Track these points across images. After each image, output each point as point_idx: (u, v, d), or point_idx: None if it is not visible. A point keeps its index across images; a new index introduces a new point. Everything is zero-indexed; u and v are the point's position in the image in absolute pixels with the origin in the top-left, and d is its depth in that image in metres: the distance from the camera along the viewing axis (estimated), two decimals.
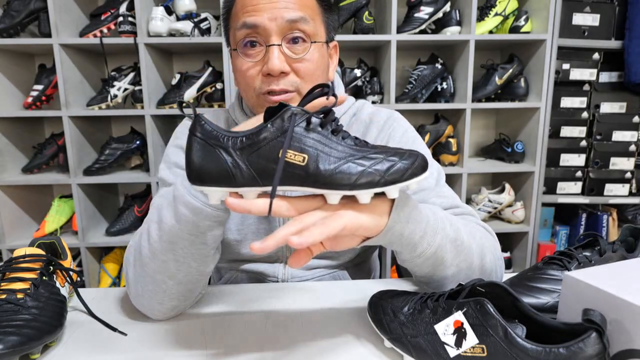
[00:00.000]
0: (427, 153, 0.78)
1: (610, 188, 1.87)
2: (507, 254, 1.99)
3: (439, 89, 1.83)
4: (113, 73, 1.73)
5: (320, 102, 0.49)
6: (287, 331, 0.60)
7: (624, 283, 0.45)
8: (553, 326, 0.45)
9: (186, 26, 1.64)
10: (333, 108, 0.48)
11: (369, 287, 0.74)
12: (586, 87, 1.86)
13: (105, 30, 1.65)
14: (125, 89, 1.73)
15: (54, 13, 1.57)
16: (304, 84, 0.70)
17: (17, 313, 0.54)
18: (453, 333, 0.47)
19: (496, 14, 1.77)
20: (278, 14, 0.66)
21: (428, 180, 0.74)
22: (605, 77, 1.87)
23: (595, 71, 1.81)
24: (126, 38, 1.62)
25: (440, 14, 1.73)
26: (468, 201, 1.97)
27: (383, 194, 0.47)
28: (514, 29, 1.78)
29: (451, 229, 0.57)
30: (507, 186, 1.91)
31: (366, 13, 1.71)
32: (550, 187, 1.89)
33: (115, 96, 1.71)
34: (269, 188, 0.44)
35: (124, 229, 1.77)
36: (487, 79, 1.82)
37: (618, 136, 1.86)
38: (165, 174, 0.79)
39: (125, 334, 0.60)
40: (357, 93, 1.83)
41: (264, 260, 0.81)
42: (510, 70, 1.81)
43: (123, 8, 1.63)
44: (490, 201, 1.90)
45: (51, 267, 0.63)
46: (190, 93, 1.73)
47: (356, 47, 1.93)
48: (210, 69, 1.77)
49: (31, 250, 0.63)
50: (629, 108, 1.89)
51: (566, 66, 1.80)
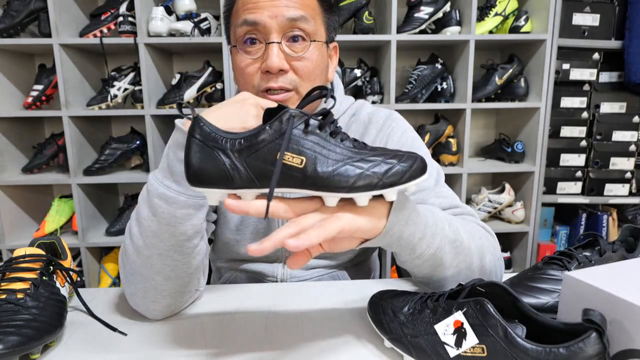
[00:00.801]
0: (427, 153, 0.78)
1: (610, 188, 1.87)
2: (507, 254, 1.99)
3: (439, 89, 1.83)
4: (113, 73, 1.73)
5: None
6: (287, 331, 0.60)
7: (624, 283, 0.45)
8: (553, 326, 0.45)
9: (186, 26, 1.64)
10: (332, 109, 0.48)
11: (369, 287, 0.74)
12: (586, 87, 1.86)
13: (105, 30, 1.65)
14: (125, 89, 1.73)
15: (54, 13, 1.57)
16: (303, 83, 0.70)
17: (17, 313, 0.54)
18: (453, 333, 0.47)
19: (496, 14, 1.77)
20: (278, 12, 0.66)
21: (427, 180, 0.74)
22: (605, 77, 1.87)
23: (595, 71, 1.81)
24: (126, 38, 1.62)
25: (440, 14, 1.73)
26: (468, 201, 1.97)
27: (381, 197, 0.47)
28: (514, 29, 1.78)
29: (450, 230, 0.57)
30: (507, 186, 1.91)
31: (366, 13, 1.71)
32: (550, 187, 1.89)
33: (115, 96, 1.71)
34: (267, 190, 0.44)
35: (124, 229, 1.75)
36: (487, 79, 1.82)
37: (618, 136, 1.86)
38: None
39: (125, 334, 0.60)
40: (357, 93, 1.83)
41: (263, 260, 0.81)
42: (510, 70, 1.81)
43: (123, 8, 1.63)
44: (490, 201, 1.90)
45: (51, 267, 0.63)
46: (190, 93, 1.73)
47: (356, 47, 1.93)
48: (210, 69, 1.77)
49: (31, 250, 0.63)
50: (629, 108, 1.89)
51: (566, 66, 1.80)
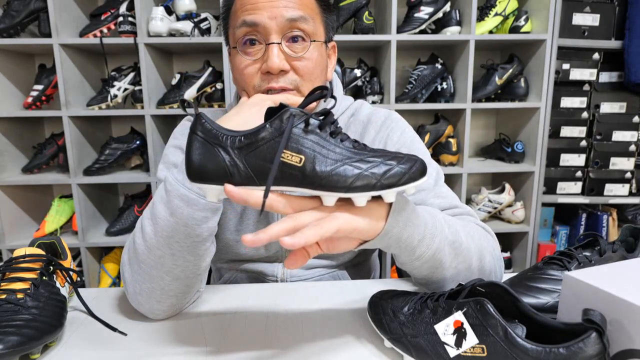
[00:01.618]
0: (426, 153, 0.78)
1: (610, 188, 1.87)
2: (507, 254, 1.99)
3: (439, 89, 1.83)
4: (113, 73, 1.73)
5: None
6: (287, 331, 0.60)
7: (624, 283, 0.45)
8: (553, 326, 0.45)
9: (186, 26, 1.64)
10: (332, 109, 0.48)
11: (369, 287, 0.74)
12: (586, 87, 1.86)
13: (105, 30, 1.65)
14: (125, 89, 1.73)
15: (54, 13, 1.57)
16: (303, 82, 0.70)
17: (17, 313, 0.54)
18: (453, 333, 0.47)
19: (496, 14, 1.77)
20: (278, 13, 0.66)
21: (427, 180, 0.74)
22: (605, 77, 1.87)
23: (595, 71, 1.81)
24: (126, 38, 1.62)
25: (440, 14, 1.73)
26: (468, 201, 1.97)
27: (380, 198, 0.47)
28: (514, 29, 1.78)
29: (449, 231, 0.57)
30: (507, 186, 1.91)
31: (366, 13, 1.71)
32: (550, 187, 1.89)
33: (115, 96, 1.71)
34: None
35: (124, 229, 1.77)
36: (487, 79, 1.82)
37: (618, 136, 1.86)
38: (164, 174, 0.78)
39: (125, 334, 0.60)
40: (357, 93, 1.83)
41: (264, 260, 0.81)
42: (510, 70, 1.81)
43: (123, 8, 1.63)
44: (490, 201, 1.90)
45: (51, 267, 0.63)
46: (190, 93, 1.73)
47: (356, 47, 1.93)
48: (210, 69, 1.77)
49: (31, 250, 0.63)
50: (629, 108, 1.89)
51: (566, 66, 1.80)
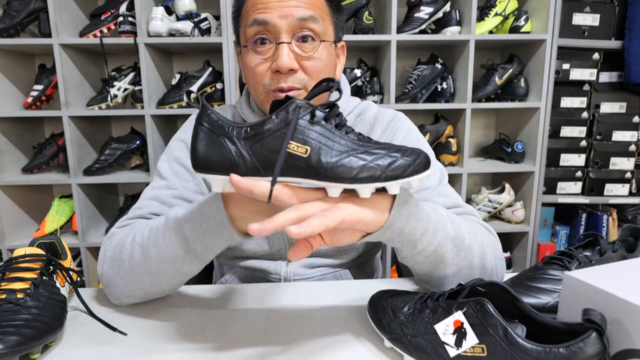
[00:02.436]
0: (431, 153, 0.79)
1: (610, 188, 1.87)
2: (507, 254, 1.99)
3: (439, 89, 1.83)
4: (113, 73, 1.73)
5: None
6: (287, 331, 0.60)
7: (624, 283, 0.45)
8: (553, 326, 0.45)
9: (186, 26, 1.64)
10: (337, 102, 0.48)
11: (369, 287, 0.74)
12: (586, 87, 1.86)
13: (105, 30, 1.65)
14: (125, 89, 1.73)
15: (54, 13, 1.57)
16: (312, 82, 0.70)
17: (17, 313, 0.54)
18: (453, 333, 0.47)
19: (496, 14, 1.77)
20: (288, 12, 0.67)
21: (431, 179, 0.74)
22: (605, 77, 1.87)
23: (595, 71, 1.81)
24: (126, 38, 1.62)
25: (440, 14, 1.73)
26: (468, 201, 1.97)
27: (384, 190, 0.47)
28: (514, 29, 1.78)
29: (452, 228, 0.57)
30: (507, 186, 1.91)
31: (366, 13, 1.71)
32: (550, 187, 1.89)
33: (115, 96, 1.71)
34: (271, 178, 0.44)
35: None
36: (487, 79, 1.82)
37: (618, 136, 1.86)
38: (163, 167, 0.80)
39: (125, 334, 0.60)
40: (357, 93, 1.83)
41: (267, 257, 0.81)
42: (510, 70, 1.81)
43: (123, 8, 1.63)
44: (490, 201, 1.90)
45: (51, 267, 0.63)
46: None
47: (356, 47, 1.93)
48: (210, 69, 1.77)
49: (31, 250, 0.63)
50: (629, 108, 1.89)
51: (566, 66, 1.80)
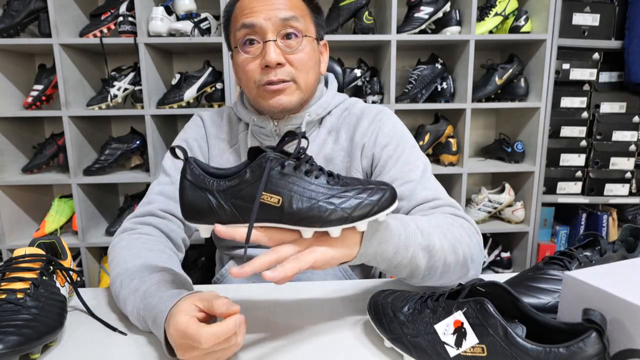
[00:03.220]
0: (414, 146, 0.83)
1: (610, 188, 1.87)
2: (507, 254, 1.99)
3: (439, 89, 1.83)
4: (113, 73, 1.73)
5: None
6: (287, 331, 0.60)
7: (624, 283, 0.45)
8: (553, 326, 0.45)
9: (186, 26, 1.64)
10: (306, 150, 0.52)
11: (369, 287, 0.74)
12: (586, 87, 1.86)
13: (105, 30, 1.65)
14: (125, 89, 1.73)
15: (54, 13, 1.57)
16: (299, 73, 0.77)
17: (17, 313, 0.54)
18: (453, 333, 0.47)
19: (496, 14, 1.77)
20: (272, 14, 0.74)
21: (414, 172, 0.79)
22: (605, 77, 1.87)
23: (595, 71, 1.81)
24: (126, 38, 1.62)
25: (440, 14, 1.73)
26: (468, 201, 1.97)
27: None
28: (514, 29, 1.78)
29: (422, 238, 0.60)
30: (507, 186, 1.91)
31: (366, 13, 1.71)
32: (550, 187, 1.89)
33: (115, 96, 1.71)
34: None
35: None
36: (487, 79, 1.82)
37: (618, 136, 1.86)
38: (167, 163, 0.85)
39: (125, 334, 0.60)
40: (357, 93, 1.83)
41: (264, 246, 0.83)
42: (510, 70, 1.81)
43: (123, 8, 1.62)
44: (490, 201, 1.90)
45: (51, 267, 0.63)
46: (190, 93, 1.73)
47: (356, 47, 1.93)
48: (210, 69, 1.77)
49: (31, 250, 0.63)
50: (629, 108, 1.89)
51: (566, 66, 1.80)
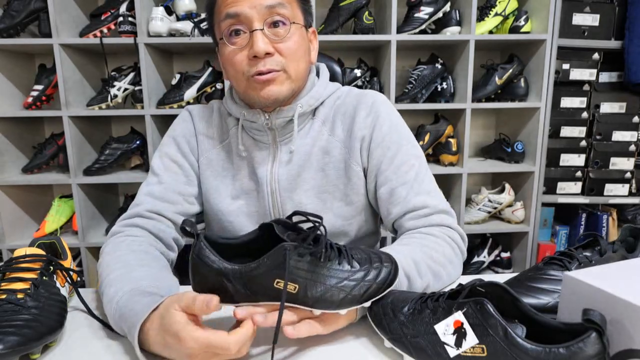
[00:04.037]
0: (410, 142, 0.82)
1: (610, 188, 1.87)
2: (507, 254, 1.99)
3: (439, 89, 1.83)
4: (113, 73, 1.73)
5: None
6: None
7: (624, 283, 0.45)
8: (553, 326, 0.45)
9: (186, 26, 1.64)
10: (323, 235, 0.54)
11: None
12: (586, 87, 1.86)
13: (105, 30, 1.65)
14: (125, 89, 1.73)
15: (54, 13, 1.57)
16: (289, 62, 0.74)
17: (17, 313, 0.54)
18: (453, 333, 0.47)
19: (496, 14, 1.77)
20: (257, 2, 0.71)
21: (409, 173, 0.79)
22: (605, 77, 1.87)
23: (595, 71, 1.81)
24: (126, 38, 1.62)
25: (440, 14, 1.73)
26: (468, 201, 1.97)
27: None
28: (514, 29, 1.78)
29: (408, 283, 0.63)
30: (507, 186, 1.91)
31: (366, 13, 1.71)
32: (550, 187, 1.89)
33: (115, 96, 1.71)
34: (264, 303, 0.52)
35: None
36: (487, 79, 1.82)
37: (618, 136, 1.86)
38: (156, 163, 0.84)
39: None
40: None
41: None
42: (510, 70, 1.81)
43: (123, 8, 1.62)
44: (490, 201, 1.90)
45: (51, 267, 0.63)
46: (190, 93, 1.73)
47: (356, 47, 1.93)
48: (210, 69, 1.77)
49: (31, 250, 0.63)
50: (629, 108, 1.89)
51: (566, 66, 1.80)
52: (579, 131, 1.86)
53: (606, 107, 1.89)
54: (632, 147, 1.85)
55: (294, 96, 0.79)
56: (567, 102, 1.85)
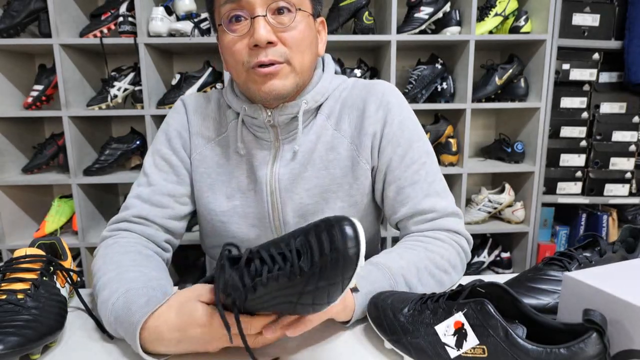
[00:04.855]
0: (421, 138, 0.79)
1: (610, 188, 1.87)
2: (507, 254, 1.99)
3: (439, 89, 1.83)
4: (113, 73, 1.73)
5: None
6: None
7: (624, 283, 0.45)
8: (553, 327, 0.45)
9: (186, 26, 1.64)
10: None
11: None
12: (586, 87, 1.86)
13: (105, 30, 1.65)
14: (125, 89, 1.73)
15: (54, 13, 1.57)
16: (293, 54, 0.68)
17: (18, 313, 0.54)
18: (453, 334, 0.47)
19: (496, 14, 1.77)
20: None
21: (419, 173, 0.76)
22: (605, 77, 1.87)
23: (595, 71, 1.81)
24: (126, 38, 1.62)
25: (440, 14, 1.73)
26: (468, 201, 1.97)
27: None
28: (514, 29, 1.78)
29: (406, 287, 0.65)
30: (507, 186, 1.91)
31: (366, 13, 1.71)
32: (550, 187, 1.89)
33: (115, 96, 1.71)
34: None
35: None
36: (487, 79, 1.82)
37: (618, 136, 1.86)
38: (147, 161, 0.80)
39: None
40: None
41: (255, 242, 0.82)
42: (510, 70, 1.81)
43: (123, 8, 1.62)
44: (490, 201, 1.90)
45: (51, 268, 0.63)
46: (190, 93, 1.73)
47: (356, 47, 1.93)
48: (210, 69, 1.77)
49: (31, 250, 0.63)
50: (629, 108, 1.89)
51: (566, 66, 1.80)
52: (579, 131, 1.86)
53: (606, 107, 1.89)
54: (632, 147, 1.85)
55: (299, 91, 0.73)
56: (567, 102, 1.85)
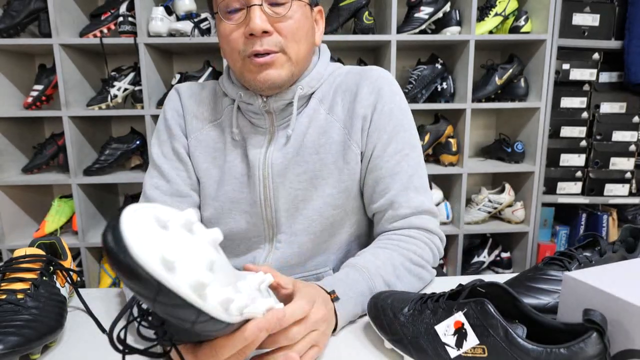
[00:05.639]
0: (410, 128, 0.77)
1: (610, 188, 1.87)
2: (507, 254, 1.99)
3: (439, 89, 1.83)
4: (113, 73, 1.73)
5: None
6: None
7: (624, 283, 0.45)
8: (553, 326, 0.45)
9: (186, 26, 1.64)
10: None
11: None
12: (586, 87, 1.86)
13: (105, 30, 1.65)
14: (125, 89, 1.73)
15: (54, 13, 1.57)
16: (288, 44, 0.68)
17: (17, 313, 0.54)
18: (453, 334, 0.47)
19: (496, 14, 1.77)
20: None
21: (400, 164, 0.75)
22: (605, 77, 1.87)
23: (595, 71, 1.81)
24: (126, 38, 1.62)
25: (440, 14, 1.73)
26: (468, 201, 1.97)
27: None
28: (514, 29, 1.78)
29: (385, 286, 0.65)
30: (507, 186, 1.91)
31: (366, 13, 1.71)
32: (550, 187, 1.89)
33: (115, 96, 1.71)
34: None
35: None
36: (487, 79, 1.82)
37: (618, 136, 1.86)
38: (155, 152, 0.80)
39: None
40: None
41: (243, 251, 0.80)
42: (510, 70, 1.81)
43: (123, 8, 1.63)
44: (490, 201, 1.90)
45: (51, 268, 0.63)
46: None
47: (356, 47, 1.93)
48: (210, 69, 1.77)
49: (31, 250, 0.63)
50: (629, 108, 1.89)
51: (566, 66, 1.80)
52: (579, 131, 1.86)
53: (606, 107, 1.89)
54: (632, 147, 1.85)
55: (294, 81, 0.74)
56: (567, 102, 1.85)
